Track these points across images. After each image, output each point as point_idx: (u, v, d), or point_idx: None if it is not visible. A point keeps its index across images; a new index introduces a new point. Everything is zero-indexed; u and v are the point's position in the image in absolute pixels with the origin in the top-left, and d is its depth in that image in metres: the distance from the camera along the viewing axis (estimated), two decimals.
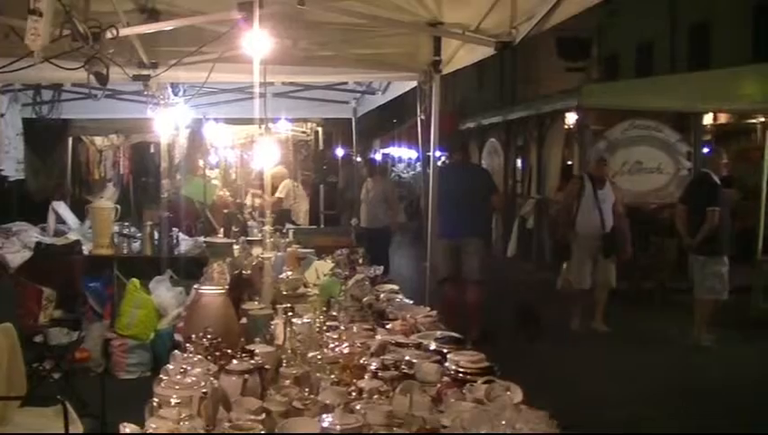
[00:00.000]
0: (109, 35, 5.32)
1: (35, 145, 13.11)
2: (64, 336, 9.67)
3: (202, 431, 3.26)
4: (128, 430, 3.19)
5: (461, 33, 7.15)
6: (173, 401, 3.43)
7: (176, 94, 10.38)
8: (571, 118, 17.84)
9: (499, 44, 6.63)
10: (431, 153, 8.87)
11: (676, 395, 9.40)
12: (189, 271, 10.33)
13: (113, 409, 6.65)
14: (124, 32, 5.85)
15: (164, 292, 10.29)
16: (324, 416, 3.50)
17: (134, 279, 10.34)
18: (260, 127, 6.94)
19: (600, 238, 12.27)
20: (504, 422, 3.30)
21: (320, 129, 17.97)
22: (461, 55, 7.94)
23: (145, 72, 7.94)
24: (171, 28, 6.73)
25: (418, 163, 31.78)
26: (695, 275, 11.89)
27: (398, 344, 4.93)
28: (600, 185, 12.41)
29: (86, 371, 9.21)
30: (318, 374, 4.19)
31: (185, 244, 11.33)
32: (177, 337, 8.41)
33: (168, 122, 10.50)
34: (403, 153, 39.28)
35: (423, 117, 8.80)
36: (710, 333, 11.67)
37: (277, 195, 13.62)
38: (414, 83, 9.30)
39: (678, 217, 12.14)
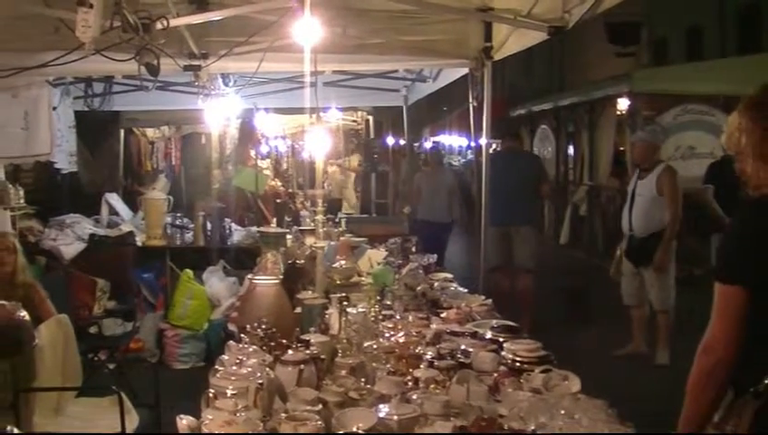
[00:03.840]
0: (159, 26, 5.33)
1: (87, 138, 13.17)
2: (118, 327, 9.77)
3: (258, 422, 3.24)
4: (184, 422, 3.18)
5: (512, 19, 7.08)
6: (229, 391, 3.43)
7: (226, 85, 10.38)
8: (622, 103, 17.67)
9: (552, 29, 6.54)
10: (483, 141, 8.80)
11: None
12: (242, 261, 10.36)
13: (167, 399, 6.68)
14: (174, 22, 5.85)
15: (217, 282, 10.32)
16: (381, 406, 3.49)
17: (187, 270, 10.40)
18: (310, 116, 6.90)
19: (627, 241, 10.32)
20: (562, 411, 3.26)
21: (370, 117, 17.93)
22: (512, 41, 7.84)
23: (196, 63, 7.94)
24: (220, 18, 6.73)
25: (469, 151, 31.65)
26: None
27: (454, 333, 4.92)
28: (644, 173, 10.21)
29: (140, 361, 9.24)
30: (373, 364, 4.17)
31: (237, 234, 11.36)
32: (231, 327, 8.42)
33: (218, 113, 10.50)
34: (453, 141, 39.07)
35: (475, 104, 8.73)
36: None
37: None
38: (464, 71, 9.23)
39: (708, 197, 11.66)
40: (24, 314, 2.74)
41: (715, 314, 3.50)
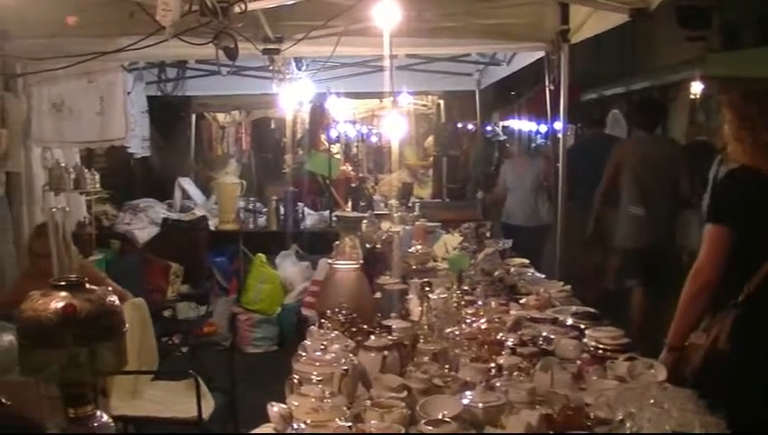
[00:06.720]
0: (237, 9, 5.30)
1: (160, 122, 13.23)
2: (192, 311, 9.83)
3: (345, 409, 3.21)
4: (276, 410, 3.15)
5: (592, 0, 6.95)
6: (314, 377, 3.40)
7: (299, 69, 10.37)
8: (695, 87, 17.40)
9: (633, 11, 6.40)
10: (561, 125, 8.66)
11: None
12: (315, 245, 10.39)
13: (241, 382, 6.72)
14: (252, 6, 5.81)
15: (290, 266, 10.36)
16: (466, 393, 3.44)
17: (260, 254, 10.43)
18: (380, 101, 6.85)
19: None
20: (651, 401, 3.17)
21: (441, 101, 17.84)
22: (590, 24, 7.67)
23: (273, 47, 7.91)
24: (295, 2, 6.69)
25: (538, 136, 31.41)
26: None
27: (534, 320, 4.85)
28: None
29: (213, 345, 9.28)
30: (456, 350, 4.12)
31: (310, 218, 11.38)
32: (305, 312, 8.44)
33: (292, 97, 10.49)
34: (523, 126, 38.75)
35: (552, 87, 8.59)
36: None
37: None
38: (536, 55, 9.14)
39: None
40: (113, 298, 2.71)
41: (703, 247, 4.44)
